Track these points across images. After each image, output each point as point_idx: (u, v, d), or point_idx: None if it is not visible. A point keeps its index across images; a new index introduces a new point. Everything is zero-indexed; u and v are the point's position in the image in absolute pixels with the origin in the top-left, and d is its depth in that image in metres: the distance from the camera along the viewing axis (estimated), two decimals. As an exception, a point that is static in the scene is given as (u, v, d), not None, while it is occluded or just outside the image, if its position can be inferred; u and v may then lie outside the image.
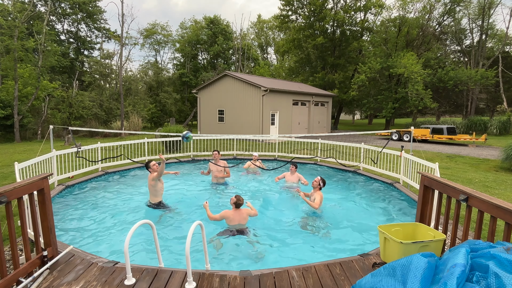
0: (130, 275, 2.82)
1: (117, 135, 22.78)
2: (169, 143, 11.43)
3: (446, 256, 2.07)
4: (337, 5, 30.79)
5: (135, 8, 69.22)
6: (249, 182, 7.98)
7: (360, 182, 8.11)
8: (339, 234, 4.83)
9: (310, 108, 23.65)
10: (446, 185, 3.10)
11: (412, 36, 28.65)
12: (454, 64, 32.05)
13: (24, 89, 21.44)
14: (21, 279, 2.68)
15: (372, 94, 29.44)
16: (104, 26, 36.42)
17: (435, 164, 5.68)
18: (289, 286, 2.80)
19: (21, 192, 2.71)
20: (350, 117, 56.99)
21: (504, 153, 10.61)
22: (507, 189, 7.68)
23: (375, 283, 2.05)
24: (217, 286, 2.79)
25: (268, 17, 63.76)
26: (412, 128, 7.80)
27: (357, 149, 9.58)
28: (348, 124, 42.61)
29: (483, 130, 23.77)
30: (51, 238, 3.14)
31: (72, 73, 32.13)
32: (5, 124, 20.10)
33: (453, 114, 40.96)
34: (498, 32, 31.18)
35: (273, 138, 16.77)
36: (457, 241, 3.28)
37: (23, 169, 5.27)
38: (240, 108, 19.63)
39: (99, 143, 8.69)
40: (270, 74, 40.29)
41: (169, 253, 4.08)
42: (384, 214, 5.75)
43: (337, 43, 31.14)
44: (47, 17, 24.48)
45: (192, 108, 36.42)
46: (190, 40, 39.24)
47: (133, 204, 6.10)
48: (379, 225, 3.16)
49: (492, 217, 2.51)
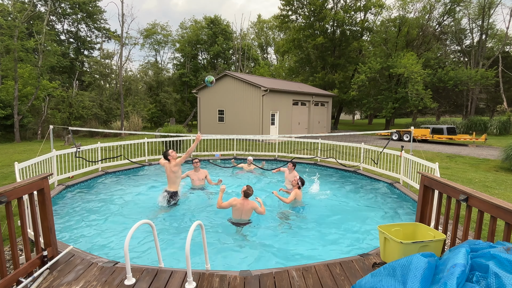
0: (130, 275, 2.82)
1: (117, 135, 22.78)
2: (169, 143, 11.43)
3: (446, 256, 2.07)
4: (337, 5, 30.80)
5: (135, 8, 69.32)
6: (245, 181, 8.01)
7: (360, 182, 8.11)
8: (339, 234, 4.83)
9: (310, 108, 23.65)
10: (446, 185, 3.10)
11: (412, 36, 28.65)
12: (454, 64, 32.03)
13: (24, 89, 21.45)
14: (21, 279, 2.68)
15: (372, 94, 29.45)
16: (104, 26, 36.41)
17: (435, 164, 5.68)
18: (289, 286, 2.80)
19: (21, 192, 2.71)
20: (350, 117, 56.98)
21: (504, 153, 10.61)
22: (507, 189, 7.68)
23: (375, 283, 2.05)
24: (217, 286, 2.79)
25: (268, 17, 63.82)
26: (412, 128, 7.80)
27: (357, 149, 9.57)
28: (348, 124, 42.61)
29: (483, 130, 23.77)
30: (51, 238, 3.14)
31: (72, 73, 32.13)
32: (5, 124, 20.11)
33: (453, 114, 40.97)
34: (498, 32, 31.19)
35: (273, 138, 16.77)
36: (457, 241, 3.28)
37: (23, 169, 5.27)
38: (240, 108, 19.63)
39: (99, 143, 8.69)
40: (270, 74, 40.28)
41: (169, 253, 4.08)
42: (384, 214, 5.75)
43: (337, 43, 31.14)
44: (47, 17, 24.49)
45: (192, 108, 36.42)
46: (190, 40, 39.23)
47: (133, 204, 6.10)
48: (379, 225, 3.16)
49: (492, 217, 2.51)
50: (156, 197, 6.07)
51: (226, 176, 8.58)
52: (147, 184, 7.65)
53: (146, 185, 7.60)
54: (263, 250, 4.22)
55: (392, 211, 5.84)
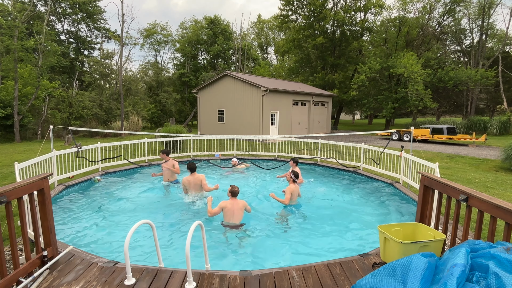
0: (130, 275, 2.82)
1: (117, 135, 22.78)
2: (169, 143, 11.43)
3: (446, 256, 2.07)
4: (337, 5, 30.80)
5: (135, 8, 69.38)
6: (234, 181, 8.01)
7: (360, 182, 8.11)
8: (339, 234, 4.83)
9: (310, 108, 23.65)
10: (446, 185, 3.10)
11: (412, 36, 28.65)
12: (454, 64, 32.02)
13: (24, 89, 21.44)
14: (21, 279, 2.68)
15: (372, 94, 29.44)
16: (104, 26, 36.43)
17: (435, 164, 5.68)
18: (289, 286, 2.80)
19: (21, 192, 2.71)
20: (350, 117, 56.97)
21: (504, 153, 10.61)
22: (507, 189, 7.68)
23: (375, 283, 2.05)
24: (217, 286, 2.79)
25: (268, 17, 63.81)
26: (412, 128, 7.80)
27: (357, 149, 9.58)
28: (348, 124, 42.60)
29: (483, 130, 23.77)
30: (51, 238, 3.14)
31: (72, 73, 32.14)
32: (5, 124, 20.11)
33: (453, 114, 40.94)
34: (498, 32, 31.18)
35: (273, 138, 16.77)
36: (457, 241, 3.28)
37: (23, 169, 5.27)
38: (240, 108, 19.63)
39: (99, 143, 8.69)
40: (270, 74, 40.28)
41: (169, 253, 4.08)
42: (384, 214, 5.74)
43: (337, 43, 31.14)
44: (47, 17, 24.49)
45: (192, 108, 36.42)
46: (190, 40, 39.24)
47: (133, 203, 6.09)
48: (379, 225, 3.16)
49: (492, 217, 2.51)
50: (156, 197, 6.06)
51: (219, 179, 8.43)
52: (147, 184, 7.65)
53: (146, 185, 7.59)
54: (263, 250, 4.22)
55: (392, 211, 5.83)
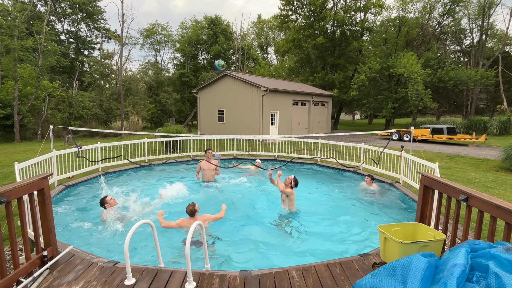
0: (130, 275, 2.82)
1: (117, 135, 22.78)
2: (169, 143, 11.43)
3: (446, 256, 2.07)
4: (337, 5, 30.79)
5: (135, 8, 69.29)
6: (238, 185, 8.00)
7: (360, 182, 8.10)
8: (339, 234, 4.83)
9: (310, 108, 23.65)
10: (446, 185, 3.10)
11: (412, 36, 28.63)
12: (454, 64, 32.02)
13: (24, 89, 21.44)
14: (21, 279, 2.68)
15: (372, 94, 29.45)
16: (104, 26, 36.44)
17: (435, 164, 5.68)
18: (289, 286, 2.80)
19: (21, 192, 2.70)
20: (350, 117, 56.97)
21: (504, 153, 10.60)
22: (507, 189, 7.68)
23: (375, 283, 2.05)
24: (217, 286, 2.79)
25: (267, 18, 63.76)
26: (412, 128, 7.80)
27: (357, 149, 9.58)
28: (348, 124, 42.60)
29: (483, 130, 23.76)
30: (51, 238, 3.14)
31: (72, 73, 32.14)
32: (5, 124, 20.10)
33: (453, 114, 40.93)
34: (498, 32, 31.17)
35: (273, 138, 16.77)
36: (457, 241, 3.28)
37: (23, 169, 5.27)
38: (240, 108, 19.62)
39: (99, 143, 8.69)
40: (270, 74, 40.28)
41: (169, 253, 4.08)
42: (384, 214, 5.74)
43: (337, 43, 31.13)
44: (47, 17, 24.47)
45: (192, 108, 36.41)
46: (190, 40, 39.24)
47: (133, 203, 6.09)
48: (379, 225, 3.16)
49: (492, 217, 2.51)
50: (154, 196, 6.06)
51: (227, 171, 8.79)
52: (147, 184, 7.65)
53: (146, 184, 7.59)
54: (263, 250, 4.22)
55: (392, 211, 5.84)
